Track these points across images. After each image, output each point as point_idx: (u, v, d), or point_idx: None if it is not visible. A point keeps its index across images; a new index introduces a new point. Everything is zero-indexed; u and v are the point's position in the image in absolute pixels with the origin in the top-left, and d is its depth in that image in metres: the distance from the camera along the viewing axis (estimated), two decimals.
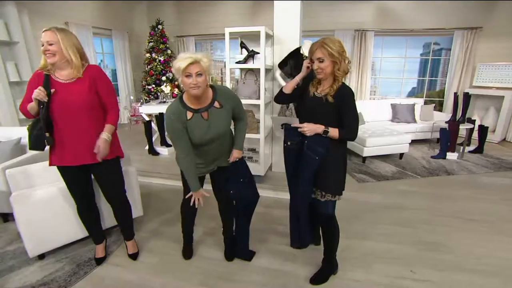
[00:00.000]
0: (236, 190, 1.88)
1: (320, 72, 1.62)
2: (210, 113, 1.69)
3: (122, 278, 2.02)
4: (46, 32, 1.60)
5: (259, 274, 2.03)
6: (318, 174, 1.72)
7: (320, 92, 1.70)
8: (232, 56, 3.22)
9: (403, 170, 3.98)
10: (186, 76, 1.53)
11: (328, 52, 1.56)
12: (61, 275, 2.02)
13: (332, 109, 1.64)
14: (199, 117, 1.66)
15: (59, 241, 2.20)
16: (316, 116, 1.69)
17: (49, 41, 1.60)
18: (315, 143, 1.66)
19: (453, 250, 2.29)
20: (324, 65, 1.59)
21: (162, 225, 2.68)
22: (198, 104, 1.66)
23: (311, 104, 1.73)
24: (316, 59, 1.60)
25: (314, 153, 1.67)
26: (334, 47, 1.56)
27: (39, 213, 2.06)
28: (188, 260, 2.18)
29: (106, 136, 1.77)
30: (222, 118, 1.73)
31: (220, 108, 1.71)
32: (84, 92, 1.72)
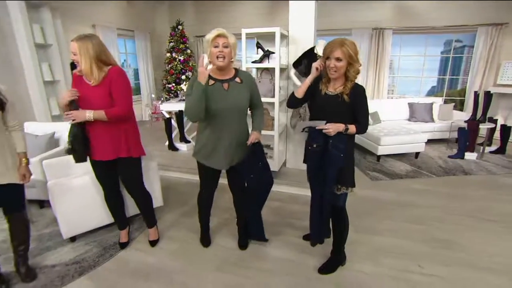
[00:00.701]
0: (254, 174, 1.98)
1: (334, 71, 1.67)
2: (231, 86, 1.84)
3: (144, 261, 2.20)
4: (71, 43, 1.78)
5: (271, 263, 2.16)
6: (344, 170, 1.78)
7: (333, 91, 1.76)
8: (249, 56, 3.35)
9: (418, 169, 3.97)
10: (214, 47, 1.71)
11: (347, 53, 1.62)
12: (90, 256, 2.24)
13: (346, 107, 1.71)
14: (220, 86, 1.81)
15: (88, 226, 2.42)
16: (330, 114, 1.75)
17: (73, 51, 1.78)
18: (338, 141, 1.72)
19: (465, 248, 2.31)
20: (340, 64, 1.65)
21: (180, 215, 2.86)
22: (220, 75, 1.83)
23: (324, 102, 1.80)
24: (334, 58, 1.65)
25: (338, 151, 1.73)
26: (351, 48, 1.64)
27: (73, 200, 2.28)
28: (206, 247, 2.34)
29: (88, 113, 1.81)
30: (241, 92, 1.87)
31: (240, 83, 1.87)
32: (104, 95, 1.86)
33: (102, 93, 1.85)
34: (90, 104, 1.85)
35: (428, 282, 1.95)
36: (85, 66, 1.78)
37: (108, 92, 1.86)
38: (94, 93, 1.85)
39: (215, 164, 1.97)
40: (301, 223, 2.61)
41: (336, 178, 1.79)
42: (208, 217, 2.34)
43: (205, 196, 2.20)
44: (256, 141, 1.93)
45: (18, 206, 1.89)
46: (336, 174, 1.77)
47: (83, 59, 1.77)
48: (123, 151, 1.99)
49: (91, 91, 1.85)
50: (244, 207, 2.26)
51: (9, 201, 1.84)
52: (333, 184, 1.81)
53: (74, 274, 2.05)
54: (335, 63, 1.65)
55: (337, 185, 1.83)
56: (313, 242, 2.18)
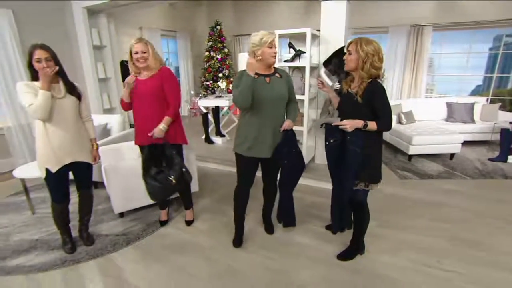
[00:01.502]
0: (289, 159, 2.14)
1: (345, 63, 1.84)
2: (272, 80, 2.05)
3: (180, 238, 2.50)
4: (139, 44, 2.11)
5: (294, 247, 2.34)
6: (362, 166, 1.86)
7: (353, 89, 1.87)
8: (282, 55, 3.53)
9: (451, 170, 3.86)
10: (269, 48, 1.95)
11: (356, 49, 1.74)
12: (135, 230, 2.59)
13: (361, 105, 1.77)
14: (263, 79, 2.02)
15: (135, 204, 2.78)
16: (347, 111, 1.88)
17: (143, 50, 2.11)
18: (356, 137, 1.80)
19: (490, 249, 2.29)
20: (349, 58, 1.78)
21: (213, 201, 3.14)
22: (263, 71, 2.04)
23: (345, 100, 1.94)
24: (347, 50, 1.82)
25: (356, 147, 1.81)
26: (365, 47, 1.72)
27: (123, 181, 2.64)
28: (236, 248, 2.35)
29: (162, 127, 2.21)
30: (281, 85, 2.08)
31: (280, 78, 2.10)
32: (155, 87, 2.21)
33: (154, 85, 2.20)
34: (143, 95, 2.21)
35: (445, 276, 2.00)
36: (153, 61, 2.17)
37: (159, 85, 2.20)
38: (146, 86, 2.20)
39: (260, 152, 2.09)
40: (324, 214, 2.75)
41: (355, 173, 1.86)
42: (244, 215, 2.38)
43: (243, 191, 2.27)
44: (289, 129, 2.10)
45: (88, 184, 2.31)
46: (354, 170, 1.85)
47: (151, 56, 2.16)
48: (171, 138, 2.31)
49: (143, 84, 2.21)
50: (271, 196, 2.46)
51: (82, 178, 2.25)
52: (352, 179, 1.89)
53: (122, 243, 2.41)
54: (347, 56, 1.81)
55: (355, 180, 1.90)
56: (334, 231, 2.31)
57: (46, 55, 1.86)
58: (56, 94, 1.95)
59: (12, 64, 3.98)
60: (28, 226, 2.69)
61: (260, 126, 2.05)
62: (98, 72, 4.92)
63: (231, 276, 2.05)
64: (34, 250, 2.33)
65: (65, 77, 2.04)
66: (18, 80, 3.98)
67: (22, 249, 2.35)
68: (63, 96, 1.98)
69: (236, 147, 2.17)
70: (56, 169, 2.00)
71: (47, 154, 1.97)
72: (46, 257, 2.24)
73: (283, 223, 2.52)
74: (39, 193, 3.34)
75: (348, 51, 1.80)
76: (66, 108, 2.00)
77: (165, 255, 2.28)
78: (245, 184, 2.25)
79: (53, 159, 1.98)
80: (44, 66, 1.85)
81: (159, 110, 2.26)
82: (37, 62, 1.85)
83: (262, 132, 2.06)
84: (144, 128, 2.28)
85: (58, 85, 1.99)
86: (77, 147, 2.09)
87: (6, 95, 3.98)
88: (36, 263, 2.18)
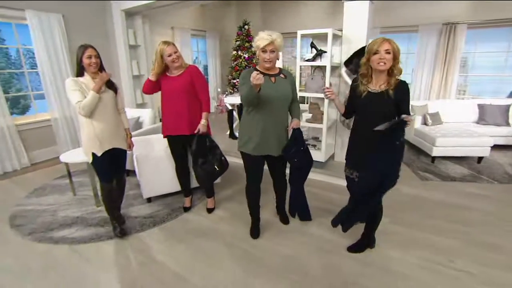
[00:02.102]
0: (299, 157, 2.26)
1: (383, 63, 1.74)
2: (277, 80, 2.12)
3: (201, 223, 2.71)
4: (170, 46, 2.34)
5: (307, 237, 2.46)
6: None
7: (377, 88, 1.83)
8: (304, 54, 3.63)
9: (477, 174, 3.75)
10: (262, 52, 1.99)
11: (393, 47, 1.72)
12: (161, 214, 2.84)
13: (391, 103, 1.78)
14: (268, 79, 2.07)
15: (161, 191, 3.04)
16: (377, 110, 1.82)
17: (175, 50, 2.35)
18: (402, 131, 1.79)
19: (508, 252, 2.25)
20: (390, 56, 1.72)
21: (234, 192, 3.33)
22: (268, 71, 2.11)
23: (367, 101, 1.86)
24: (384, 50, 1.72)
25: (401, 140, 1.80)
26: (396, 45, 1.74)
27: (152, 169, 2.90)
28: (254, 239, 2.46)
29: (203, 122, 2.53)
30: (286, 85, 2.14)
31: (284, 78, 2.16)
32: (186, 83, 2.46)
33: (184, 81, 2.45)
34: (174, 91, 2.46)
35: (454, 275, 2.02)
36: (182, 60, 2.45)
37: (190, 82, 2.46)
38: (178, 82, 2.45)
39: (267, 150, 2.18)
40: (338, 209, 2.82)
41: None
42: (258, 209, 2.49)
43: (253, 189, 2.37)
44: (297, 128, 2.21)
45: (122, 169, 2.58)
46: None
47: (181, 55, 2.43)
48: (209, 130, 2.56)
49: (175, 80, 2.46)
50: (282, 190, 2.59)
51: (119, 164, 2.51)
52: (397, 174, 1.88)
53: (149, 224, 2.67)
54: (385, 55, 1.72)
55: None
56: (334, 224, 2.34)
57: (95, 53, 2.17)
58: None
59: (60, 62, 4.43)
60: (71, 205, 3.04)
61: (264, 124, 2.11)
62: (133, 70, 5.31)
63: (249, 260, 2.21)
64: (75, 225, 2.65)
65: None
66: (64, 76, 4.44)
67: (66, 224, 2.69)
68: (104, 90, 2.25)
69: (241, 146, 2.24)
70: (100, 153, 2.27)
71: (93, 140, 2.24)
72: (85, 232, 2.55)
73: (299, 217, 2.65)
74: (79, 178, 3.72)
75: (386, 50, 1.72)
76: (107, 101, 2.26)
77: (188, 238, 2.49)
78: (254, 181, 2.35)
79: (98, 144, 2.25)
80: (93, 62, 2.14)
81: (189, 104, 2.50)
82: (88, 58, 2.13)
83: (266, 131, 2.13)
84: (175, 121, 2.52)
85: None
86: (115, 135, 2.36)
87: (55, 90, 4.44)
88: (76, 236, 2.49)
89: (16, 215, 2.88)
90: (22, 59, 4.38)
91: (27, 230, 2.59)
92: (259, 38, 1.98)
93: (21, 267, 2.16)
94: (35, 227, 2.64)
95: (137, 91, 5.49)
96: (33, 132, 4.44)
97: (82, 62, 2.15)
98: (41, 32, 4.17)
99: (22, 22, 4.13)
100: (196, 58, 8.19)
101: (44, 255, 2.29)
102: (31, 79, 4.50)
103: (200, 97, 2.54)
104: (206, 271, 2.10)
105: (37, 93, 4.54)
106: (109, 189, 2.43)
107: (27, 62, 4.45)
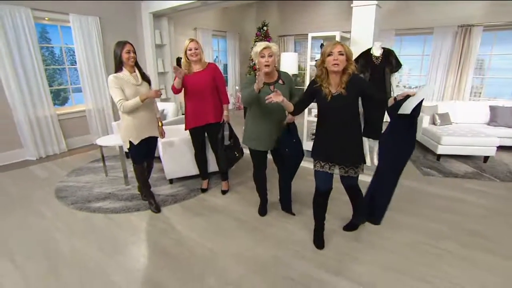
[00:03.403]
0: (290, 148, 2.54)
1: (337, 64, 1.85)
2: (276, 87, 2.30)
3: (215, 202, 3.09)
4: (192, 42, 2.70)
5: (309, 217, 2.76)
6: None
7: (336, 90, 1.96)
8: (314, 55, 3.92)
9: (480, 172, 3.89)
10: (261, 57, 2.20)
11: (345, 49, 1.87)
12: (181, 193, 3.24)
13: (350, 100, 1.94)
14: (267, 88, 2.29)
15: (182, 173, 3.45)
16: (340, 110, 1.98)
17: (195, 47, 2.70)
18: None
19: (493, 238, 2.44)
20: (343, 58, 1.85)
21: (246, 178, 3.67)
22: (267, 79, 2.31)
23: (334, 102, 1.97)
24: (337, 51, 1.84)
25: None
26: (348, 48, 1.89)
27: (174, 154, 3.31)
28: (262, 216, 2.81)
29: (226, 113, 2.97)
30: (284, 91, 2.28)
31: (283, 85, 2.38)
32: (207, 78, 2.82)
33: (208, 76, 2.82)
34: (197, 85, 2.81)
35: (435, 253, 2.25)
36: (202, 56, 2.79)
37: (212, 77, 2.83)
38: (200, 77, 2.80)
39: (265, 146, 2.50)
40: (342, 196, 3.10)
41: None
42: (266, 191, 2.81)
43: (258, 175, 2.72)
44: (291, 122, 2.46)
45: (153, 154, 2.94)
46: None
47: (200, 52, 2.77)
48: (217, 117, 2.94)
49: (196, 76, 2.81)
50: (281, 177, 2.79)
51: (151, 149, 2.87)
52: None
53: (171, 201, 3.07)
54: (338, 56, 1.85)
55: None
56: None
57: (132, 48, 2.51)
58: (135, 82, 2.54)
59: (96, 59, 4.97)
60: (103, 184, 3.51)
61: (263, 125, 2.43)
62: (158, 67, 5.79)
63: (257, 233, 2.56)
64: (108, 199, 3.10)
65: (139, 67, 2.64)
66: (99, 72, 4.97)
67: (100, 198, 3.14)
68: (140, 83, 2.57)
69: (244, 141, 2.61)
70: (137, 142, 2.61)
71: (131, 131, 2.57)
72: (116, 205, 2.99)
73: (281, 206, 2.88)
74: (110, 162, 4.21)
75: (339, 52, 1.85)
76: (143, 93, 2.52)
77: (204, 213, 2.88)
78: (258, 169, 2.69)
79: (135, 134, 2.59)
80: (132, 56, 2.47)
81: (212, 96, 2.88)
82: (127, 53, 2.45)
83: (264, 131, 2.44)
84: (201, 111, 2.87)
85: (136, 74, 2.58)
86: (150, 125, 2.70)
87: (90, 84, 4.98)
88: (110, 207, 2.94)
89: (60, 189, 3.38)
90: (64, 57, 4.95)
91: (69, 201, 3.07)
92: (257, 46, 2.22)
93: (68, 229, 2.62)
94: (76, 199, 3.12)
95: (161, 86, 5.97)
96: (70, 121, 5.00)
97: (122, 57, 2.44)
98: (81, 32, 4.71)
99: (66, 24, 4.69)
100: (217, 57, 8.62)
101: (85, 220, 2.75)
102: (70, 74, 5.07)
103: (220, 89, 2.92)
104: (219, 239, 2.46)
105: (75, 87, 5.10)
106: (141, 170, 2.80)
107: (68, 59, 5.02)
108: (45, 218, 2.80)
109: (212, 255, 2.26)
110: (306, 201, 3.04)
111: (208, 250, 2.32)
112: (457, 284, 1.94)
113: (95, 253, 2.28)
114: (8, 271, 2.11)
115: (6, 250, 2.33)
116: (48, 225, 2.68)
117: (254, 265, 2.14)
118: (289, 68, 4.16)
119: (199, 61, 2.80)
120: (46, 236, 2.52)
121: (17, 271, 2.10)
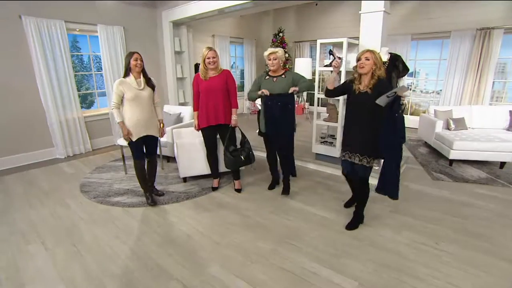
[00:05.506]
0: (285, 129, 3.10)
1: (362, 67, 2.28)
2: (278, 79, 3.03)
3: (225, 199, 3.26)
4: (211, 51, 2.93)
5: (311, 215, 2.87)
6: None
7: (364, 89, 2.34)
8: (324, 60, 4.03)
9: (494, 177, 3.81)
10: (268, 60, 2.98)
11: (373, 56, 2.26)
12: (193, 191, 3.45)
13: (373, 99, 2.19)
14: (271, 79, 3.06)
15: (194, 172, 3.66)
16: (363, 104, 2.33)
17: (213, 56, 2.94)
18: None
19: (496, 242, 2.43)
20: (368, 62, 2.25)
21: (256, 179, 3.83)
22: (273, 74, 3.08)
23: (359, 97, 2.36)
24: (364, 57, 2.28)
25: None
26: (377, 56, 2.28)
27: (187, 154, 3.53)
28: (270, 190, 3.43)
29: (235, 117, 3.17)
30: (283, 82, 3.00)
31: (284, 78, 3.02)
32: (221, 82, 3.04)
33: (222, 81, 3.05)
34: (212, 88, 3.04)
35: (435, 254, 2.29)
36: (218, 64, 3.03)
37: (225, 81, 3.08)
38: (214, 82, 3.03)
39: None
40: (345, 197, 3.19)
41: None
42: (276, 171, 3.47)
43: (270, 156, 3.38)
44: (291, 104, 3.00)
45: (154, 152, 3.19)
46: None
47: (217, 60, 3.02)
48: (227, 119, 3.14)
49: (213, 80, 3.04)
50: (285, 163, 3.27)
51: (151, 147, 3.13)
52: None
53: (183, 198, 3.28)
54: (364, 61, 2.27)
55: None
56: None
57: (140, 57, 2.81)
58: (138, 87, 2.82)
59: (120, 66, 5.34)
60: (123, 181, 3.79)
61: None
62: (177, 73, 6.10)
63: (259, 228, 2.70)
64: (126, 195, 3.36)
65: (145, 74, 2.91)
66: None
67: (120, 193, 3.41)
68: (143, 88, 2.86)
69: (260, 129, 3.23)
70: (135, 138, 2.88)
71: (129, 128, 2.85)
72: (134, 200, 3.24)
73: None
74: (129, 161, 4.49)
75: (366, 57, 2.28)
76: (144, 97, 2.85)
77: (212, 209, 3.06)
78: (270, 151, 3.33)
79: (134, 131, 2.86)
80: (138, 63, 2.77)
81: (224, 99, 3.10)
82: (135, 61, 2.77)
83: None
84: (213, 112, 3.08)
85: (140, 80, 2.86)
86: (149, 124, 2.96)
87: None
88: (127, 202, 3.19)
89: (84, 184, 3.70)
90: (91, 64, 5.37)
91: (92, 195, 3.36)
92: (266, 51, 3.02)
93: (90, 218, 2.90)
94: (97, 193, 3.41)
95: (180, 91, 6.29)
96: (95, 124, 5.39)
97: (130, 64, 2.77)
98: (107, 41, 5.10)
99: (94, 34, 5.10)
100: (234, 63, 8.89)
101: (105, 212, 3.01)
102: (96, 79, 5.47)
103: (231, 93, 3.12)
104: (223, 232, 2.63)
105: (100, 91, 5.50)
106: (141, 166, 3.04)
107: (94, 66, 5.44)
108: (71, 209, 3.11)
109: (216, 245, 2.43)
110: (307, 200, 3.18)
111: (213, 241, 2.49)
112: (452, 284, 1.98)
113: (113, 241, 2.52)
114: (40, 252, 2.39)
115: (39, 235, 2.63)
116: (73, 215, 2.97)
117: (254, 256, 2.29)
118: (304, 72, 4.32)
119: (216, 68, 3.03)
120: (71, 224, 2.80)
121: (47, 253, 2.38)
